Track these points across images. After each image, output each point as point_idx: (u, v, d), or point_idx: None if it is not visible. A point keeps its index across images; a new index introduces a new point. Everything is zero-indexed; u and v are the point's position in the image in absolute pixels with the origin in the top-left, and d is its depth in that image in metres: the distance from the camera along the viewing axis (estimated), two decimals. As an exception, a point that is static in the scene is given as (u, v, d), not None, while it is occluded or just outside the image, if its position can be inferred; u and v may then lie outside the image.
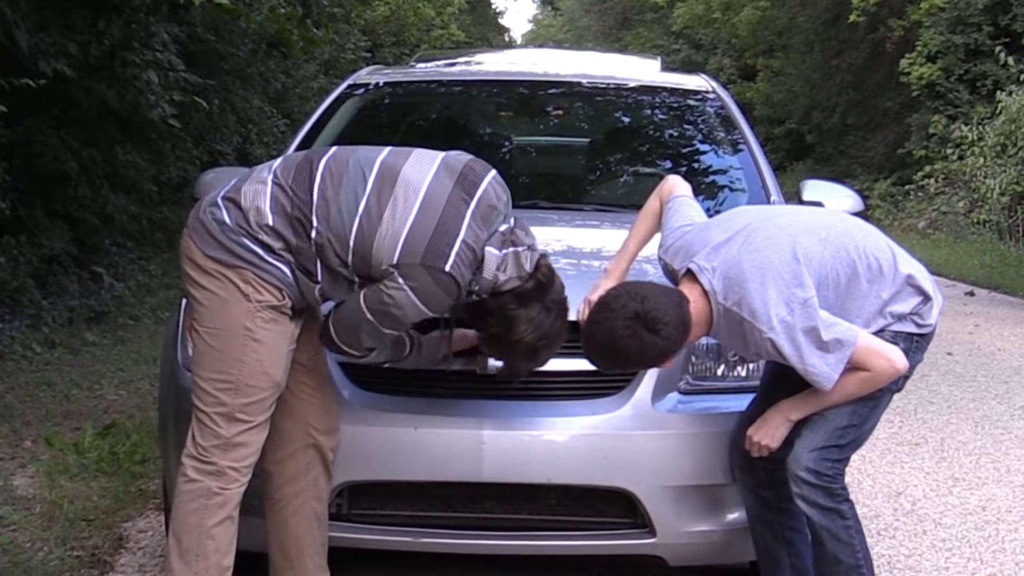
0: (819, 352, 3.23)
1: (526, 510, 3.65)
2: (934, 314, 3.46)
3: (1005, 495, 5.57)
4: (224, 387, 3.28)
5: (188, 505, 3.31)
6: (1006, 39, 21.79)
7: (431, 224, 3.17)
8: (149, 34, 9.27)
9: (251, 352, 3.28)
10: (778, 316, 3.22)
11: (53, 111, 9.14)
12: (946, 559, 4.69)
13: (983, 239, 19.28)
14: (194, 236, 3.32)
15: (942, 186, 21.95)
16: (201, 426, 3.32)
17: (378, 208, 3.20)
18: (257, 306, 3.27)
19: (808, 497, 3.41)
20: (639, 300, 3.22)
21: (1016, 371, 8.79)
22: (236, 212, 3.28)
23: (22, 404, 6.49)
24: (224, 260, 3.27)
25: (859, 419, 3.43)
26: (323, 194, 3.24)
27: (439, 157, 3.34)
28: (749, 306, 3.24)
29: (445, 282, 3.16)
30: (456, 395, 3.60)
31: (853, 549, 3.43)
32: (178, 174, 11.71)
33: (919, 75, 23.67)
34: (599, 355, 3.32)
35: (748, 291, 3.25)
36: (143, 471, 5.36)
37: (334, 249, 3.23)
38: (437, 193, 3.22)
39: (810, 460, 3.40)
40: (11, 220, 8.54)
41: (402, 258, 3.15)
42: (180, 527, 3.33)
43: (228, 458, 3.31)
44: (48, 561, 4.24)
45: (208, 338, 3.30)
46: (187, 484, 3.32)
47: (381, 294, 3.18)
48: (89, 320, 8.95)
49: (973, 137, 20.29)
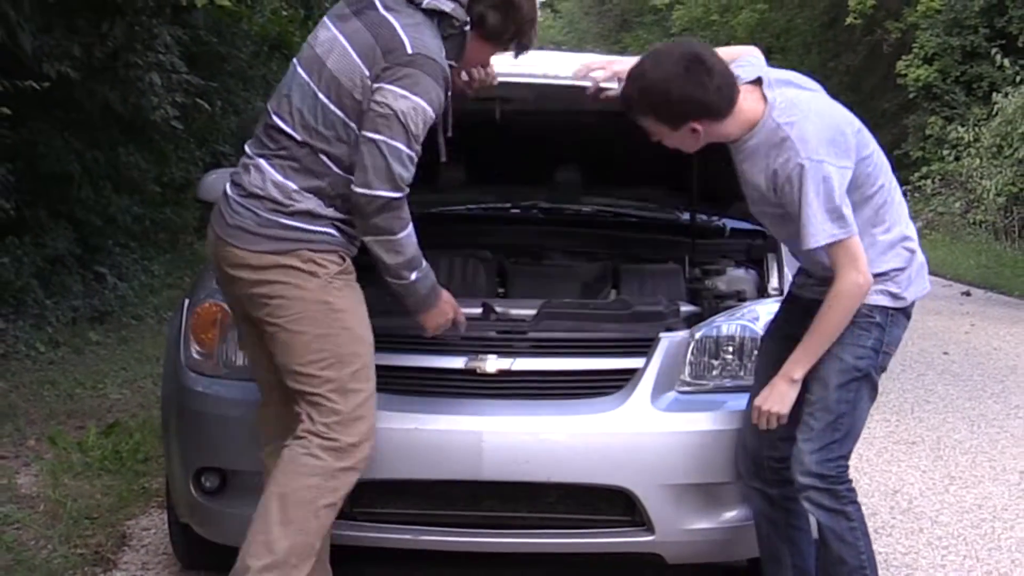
0: (823, 212, 3.22)
1: (526, 508, 3.65)
2: (912, 290, 3.45)
3: (1001, 493, 5.57)
4: (326, 363, 3.27)
5: (305, 479, 3.26)
6: (1002, 41, 21.80)
7: (376, 36, 3.23)
8: (152, 36, 9.27)
9: (338, 323, 3.28)
10: (819, 154, 3.23)
11: (57, 113, 9.14)
12: (942, 556, 4.69)
13: (979, 239, 19.29)
14: (235, 242, 3.29)
15: (939, 187, 21.94)
16: (317, 408, 3.28)
17: (320, 67, 3.27)
18: (327, 278, 3.28)
19: (814, 499, 3.41)
20: (699, 48, 3.29)
21: (1012, 370, 8.79)
22: (258, 202, 3.28)
23: (26, 403, 6.49)
24: (276, 249, 3.26)
25: (847, 406, 3.40)
26: (280, 107, 3.32)
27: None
28: (801, 130, 3.25)
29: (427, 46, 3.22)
30: (457, 394, 3.61)
31: (858, 550, 3.42)
32: (181, 175, 11.71)
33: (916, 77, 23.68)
34: (641, 94, 3.29)
35: (807, 120, 3.27)
36: (146, 470, 5.36)
37: (327, 125, 3.25)
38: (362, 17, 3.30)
39: (812, 464, 3.39)
40: (15, 221, 8.53)
41: (374, 68, 3.20)
42: (290, 497, 3.26)
43: (349, 434, 3.27)
44: (52, 559, 4.24)
45: (292, 327, 3.27)
46: (309, 458, 3.26)
47: (379, 111, 3.18)
48: (93, 320, 8.95)
49: (969, 138, 20.32)
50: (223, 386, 3.73)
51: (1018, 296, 13.89)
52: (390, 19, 3.27)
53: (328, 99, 3.26)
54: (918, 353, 9.38)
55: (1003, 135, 19.06)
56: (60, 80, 7.88)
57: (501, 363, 3.63)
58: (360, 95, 3.23)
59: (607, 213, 5.09)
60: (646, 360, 3.67)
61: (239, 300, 3.41)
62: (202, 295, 3.87)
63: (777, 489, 3.55)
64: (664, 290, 4.23)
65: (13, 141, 8.60)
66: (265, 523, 3.27)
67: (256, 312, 3.34)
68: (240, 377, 3.72)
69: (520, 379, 3.66)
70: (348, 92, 3.24)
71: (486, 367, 3.62)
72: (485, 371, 3.62)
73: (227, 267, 3.34)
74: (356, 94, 3.23)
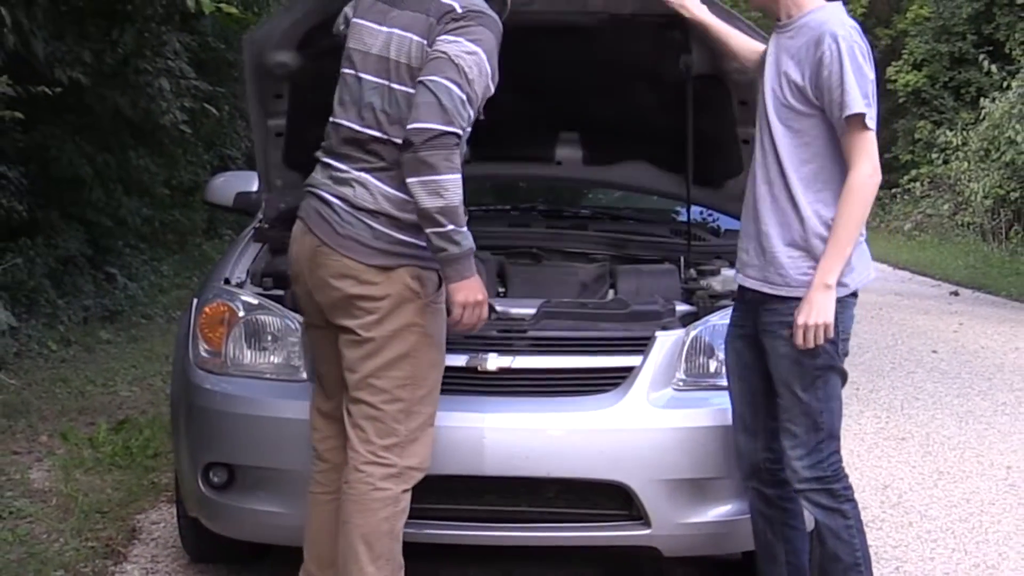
0: (859, 82, 3.25)
1: (526, 503, 3.65)
2: (854, 277, 3.40)
3: (988, 488, 5.57)
4: (402, 383, 3.26)
5: (379, 513, 3.26)
6: (989, 47, 21.83)
7: (427, 11, 3.20)
8: (161, 43, 9.27)
9: (424, 345, 3.27)
10: (852, 38, 3.28)
11: (69, 117, 9.14)
12: (931, 550, 4.69)
13: (967, 241, 19.31)
14: (347, 253, 3.24)
15: (928, 189, 21.97)
16: (378, 426, 3.26)
17: (386, 63, 3.25)
18: (426, 300, 3.26)
19: (811, 499, 3.41)
20: None
21: (999, 368, 8.80)
22: (371, 216, 3.24)
23: (38, 400, 6.49)
24: (387, 264, 3.23)
25: (821, 404, 3.37)
26: (363, 116, 3.29)
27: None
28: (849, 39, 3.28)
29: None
30: (459, 391, 3.60)
31: (853, 548, 3.42)
32: (189, 178, 11.72)
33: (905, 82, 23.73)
34: None
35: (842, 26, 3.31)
36: (156, 465, 5.36)
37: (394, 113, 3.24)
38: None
39: (805, 471, 3.38)
40: (28, 222, 8.55)
41: (430, 36, 3.17)
42: (372, 533, 3.26)
43: (406, 457, 3.28)
44: (64, 552, 4.25)
45: (383, 343, 3.24)
46: (376, 492, 3.26)
47: (432, 56, 3.16)
48: (103, 319, 8.95)
49: (957, 142, 20.34)
50: (230, 383, 3.73)
51: (1005, 296, 13.89)
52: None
53: (403, 85, 3.23)
54: (908, 351, 9.39)
55: (990, 139, 19.07)
56: (72, 85, 7.88)
57: (502, 361, 3.63)
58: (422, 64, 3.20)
59: (605, 215, 5.10)
60: (643, 358, 3.66)
61: (324, 305, 3.33)
62: (210, 295, 3.87)
63: (773, 489, 3.55)
64: (660, 290, 4.22)
65: (26, 145, 8.61)
66: (358, 565, 3.27)
67: (345, 320, 3.28)
68: (247, 374, 3.73)
69: (520, 377, 3.66)
70: (418, 70, 3.19)
71: (487, 365, 3.61)
72: (486, 369, 3.61)
73: (328, 275, 3.27)
74: (421, 63, 3.20)
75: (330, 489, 3.43)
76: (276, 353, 3.73)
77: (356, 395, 3.29)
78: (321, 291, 3.32)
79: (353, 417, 3.30)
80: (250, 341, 3.75)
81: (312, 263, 3.31)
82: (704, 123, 4.32)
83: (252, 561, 4.17)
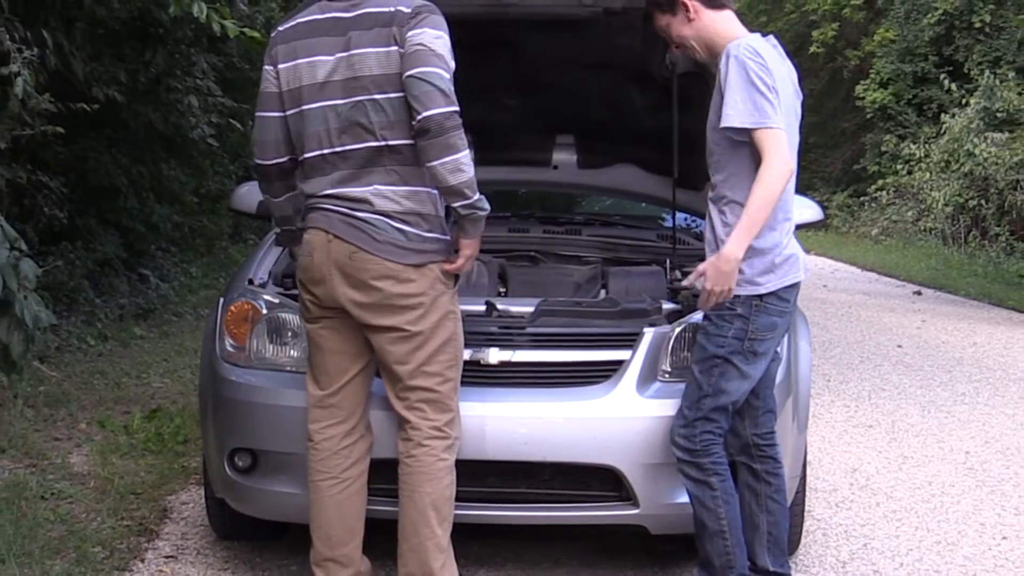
0: (742, 95, 3.29)
1: (524, 485, 3.65)
2: (770, 278, 3.41)
3: (949, 471, 5.57)
4: (450, 364, 3.36)
5: (444, 480, 3.34)
6: (950, 67, 21.85)
7: (377, 21, 3.20)
8: (190, 63, 9.29)
9: (457, 328, 3.38)
10: (747, 55, 3.33)
11: (105, 131, 9.15)
12: (896, 528, 4.68)
13: (929, 245, 19.30)
14: (387, 256, 3.25)
15: (893, 198, 21.94)
16: (436, 406, 3.34)
17: (344, 84, 3.24)
18: (451, 288, 3.36)
19: (682, 469, 3.47)
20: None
21: (958, 361, 8.79)
22: (400, 221, 3.26)
23: (78, 391, 6.49)
24: (420, 262, 3.27)
25: (709, 388, 3.42)
26: (341, 139, 3.27)
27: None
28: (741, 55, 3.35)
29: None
30: (463, 383, 3.59)
31: (718, 516, 3.46)
32: (216, 187, 11.72)
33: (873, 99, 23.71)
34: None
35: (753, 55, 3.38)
36: (185, 450, 5.36)
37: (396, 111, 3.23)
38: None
39: (679, 438, 3.46)
40: (68, 228, 8.56)
41: (398, 38, 3.17)
42: (439, 499, 3.33)
43: (456, 429, 3.38)
44: (101, 530, 4.25)
45: (429, 333, 3.30)
46: (440, 463, 3.33)
47: (409, 52, 3.16)
48: (137, 316, 8.95)
49: (920, 154, 20.34)
50: (254, 375, 3.73)
51: (964, 295, 13.88)
52: (368, 9, 3.24)
53: (384, 93, 3.21)
54: (875, 346, 9.39)
55: (950, 151, 19.09)
56: (108, 102, 7.89)
57: (502, 355, 3.63)
58: (401, 66, 3.19)
59: (597, 221, 5.09)
60: (632, 352, 3.67)
61: (361, 305, 3.30)
62: (235, 294, 3.87)
63: (761, 464, 3.58)
64: (648, 290, 4.22)
65: (66, 157, 8.62)
66: (430, 528, 3.32)
67: (389, 320, 3.29)
68: (269, 367, 3.73)
69: (520, 369, 3.66)
70: (395, 75, 3.19)
71: (489, 359, 3.62)
72: (488, 362, 3.61)
73: (369, 277, 3.26)
74: (398, 67, 3.19)
75: (331, 475, 3.44)
76: (295, 347, 3.73)
77: (412, 383, 3.33)
78: (361, 292, 3.29)
79: (410, 401, 3.34)
80: (272, 336, 3.75)
81: (347, 268, 3.29)
82: (690, 123, 4.29)
83: (272, 538, 4.18)
